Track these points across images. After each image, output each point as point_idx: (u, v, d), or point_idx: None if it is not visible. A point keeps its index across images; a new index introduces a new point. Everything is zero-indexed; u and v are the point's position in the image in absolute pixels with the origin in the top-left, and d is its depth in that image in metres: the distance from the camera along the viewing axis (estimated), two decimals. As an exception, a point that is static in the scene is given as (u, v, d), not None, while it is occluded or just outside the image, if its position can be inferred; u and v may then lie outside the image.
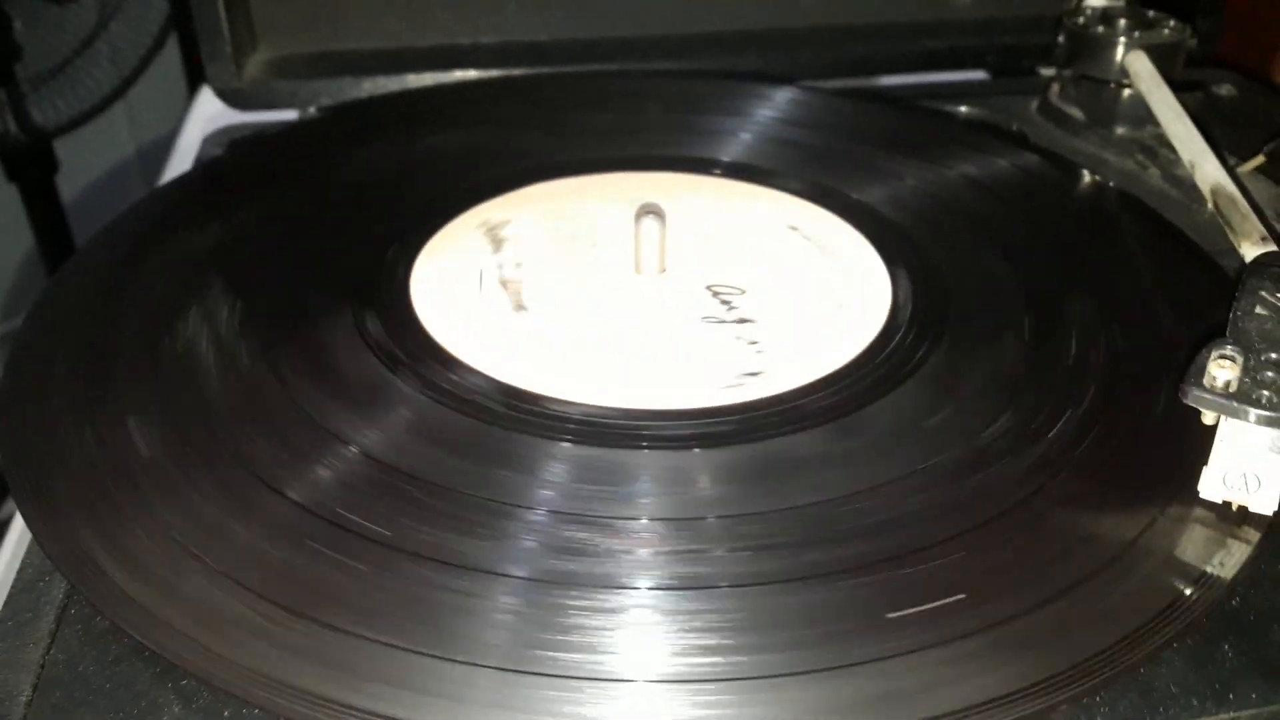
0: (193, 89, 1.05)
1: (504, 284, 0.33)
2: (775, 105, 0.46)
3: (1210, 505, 0.27)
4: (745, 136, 0.43)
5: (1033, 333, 0.33)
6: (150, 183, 1.14)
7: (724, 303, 0.34)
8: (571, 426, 0.29)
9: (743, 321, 0.33)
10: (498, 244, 0.37)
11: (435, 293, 0.34)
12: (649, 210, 0.34)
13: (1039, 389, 0.31)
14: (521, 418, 0.29)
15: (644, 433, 0.29)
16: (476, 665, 0.23)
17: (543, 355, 0.32)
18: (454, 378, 0.31)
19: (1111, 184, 0.41)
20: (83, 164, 1.08)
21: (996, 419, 0.30)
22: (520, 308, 0.33)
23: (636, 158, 0.42)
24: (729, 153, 0.43)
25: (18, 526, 0.27)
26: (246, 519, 0.26)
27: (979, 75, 0.58)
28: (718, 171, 0.41)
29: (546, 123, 0.45)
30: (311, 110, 0.49)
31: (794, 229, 0.38)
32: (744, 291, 0.35)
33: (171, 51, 1.02)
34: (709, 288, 0.35)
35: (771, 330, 0.33)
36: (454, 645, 0.23)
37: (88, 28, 0.92)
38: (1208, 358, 0.27)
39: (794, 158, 0.42)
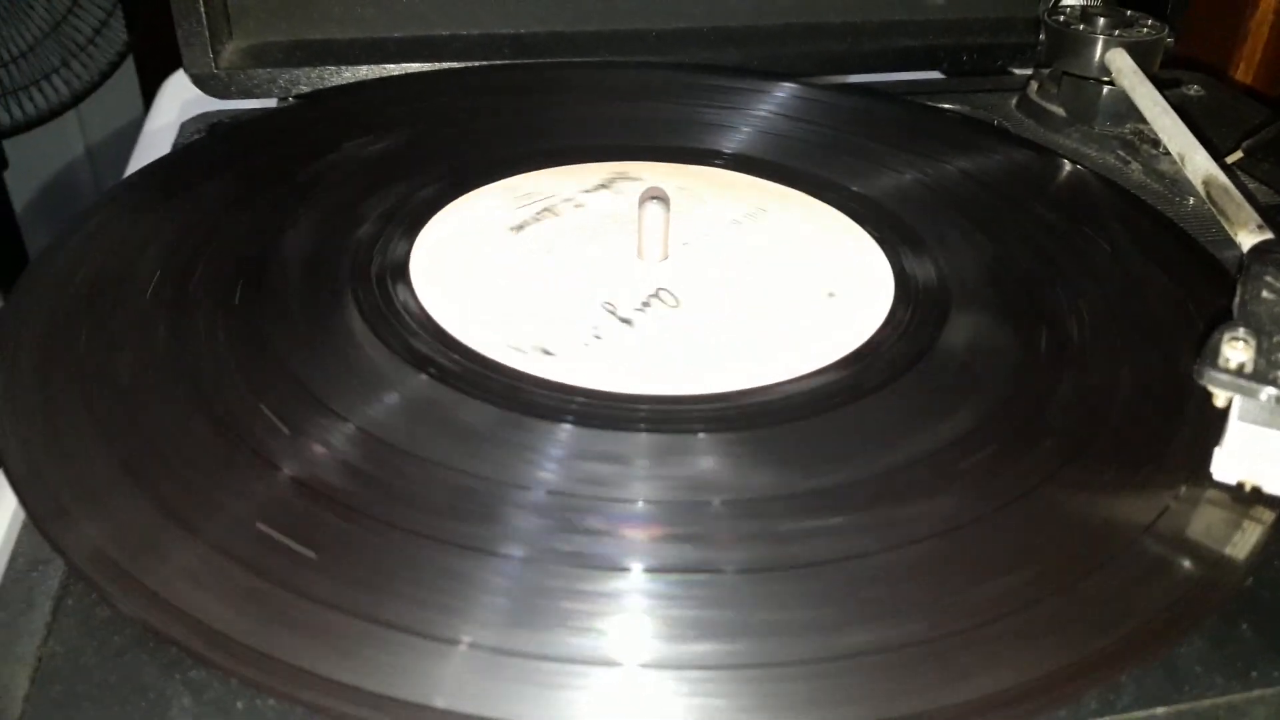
0: (145, 88, 1.03)
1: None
2: (779, 99, 0.45)
3: (1223, 487, 0.27)
4: (747, 130, 0.43)
5: (1038, 321, 0.33)
6: (101, 182, 1.12)
7: (726, 290, 0.34)
8: (572, 409, 0.28)
9: (746, 307, 0.33)
10: (497, 228, 0.36)
11: (434, 273, 0.34)
12: (653, 195, 0.33)
13: (1047, 377, 0.31)
14: (522, 399, 0.29)
15: (644, 416, 0.28)
16: (483, 648, 0.22)
17: (543, 338, 0.31)
18: (453, 357, 0.30)
19: (1104, 177, 0.42)
20: (31, 164, 1.06)
21: (1005, 407, 0.29)
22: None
23: (635, 147, 0.41)
24: (730, 144, 0.42)
25: (6, 516, 0.26)
26: (249, 496, 0.25)
27: (939, 75, 0.58)
28: (719, 163, 0.41)
29: (546, 109, 0.44)
30: (290, 99, 0.48)
31: (797, 219, 0.38)
32: (747, 278, 0.34)
33: (126, 63, 1.00)
34: (711, 275, 0.34)
35: (776, 317, 0.33)
36: (465, 626, 0.22)
37: (39, 30, 0.90)
38: (1221, 339, 0.27)
39: (795, 151, 0.42)
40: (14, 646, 0.23)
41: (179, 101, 0.54)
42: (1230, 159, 0.45)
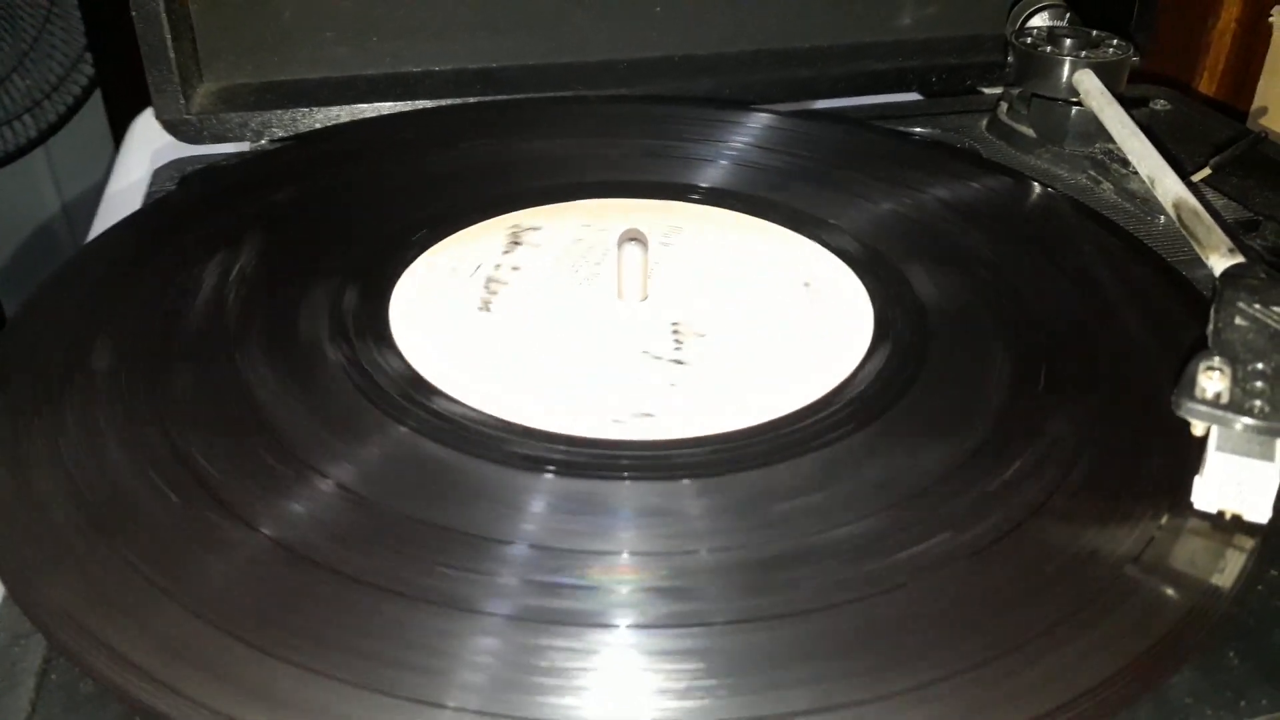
0: (113, 119, 1.03)
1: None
2: (754, 129, 0.46)
3: (1205, 515, 0.27)
4: (724, 162, 0.43)
5: (1018, 352, 0.33)
6: (71, 219, 1.11)
7: (705, 330, 0.34)
8: (552, 456, 0.28)
9: (725, 347, 0.33)
10: (477, 271, 0.36)
11: (414, 321, 0.34)
12: (631, 237, 0.33)
13: (1027, 408, 0.31)
14: (496, 446, 0.29)
15: (624, 463, 0.28)
16: (465, 711, 0.22)
17: (520, 382, 0.31)
18: (433, 407, 0.30)
19: (1077, 201, 0.42)
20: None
21: (987, 440, 0.30)
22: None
23: (612, 183, 0.42)
24: (708, 178, 0.42)
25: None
26: (231, 561, 0.25)
27: (913, 97, 0.59)
28: (696, 197, 0.41)
29: (520, 148, 0.44)
30: (264, 142, 0.47)
31: (773, 252, 0.38)
32: (727, 314, 0.35)
33: (95, 101, 1.00)
34: (693, 314, 0.35)
35: (757, 355, 0.33)
36: (451, 689, 0.22)
37: (3, 68, 0.90)
38: (1197, 369, 0.27)
39: (768, 182, 0.42)
40: (-2, 727, 0.22)
41: (148, 144, 0.54)
42: (1199, 176, 0.45)
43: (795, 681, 0.23)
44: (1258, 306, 0.29)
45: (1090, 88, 0.46)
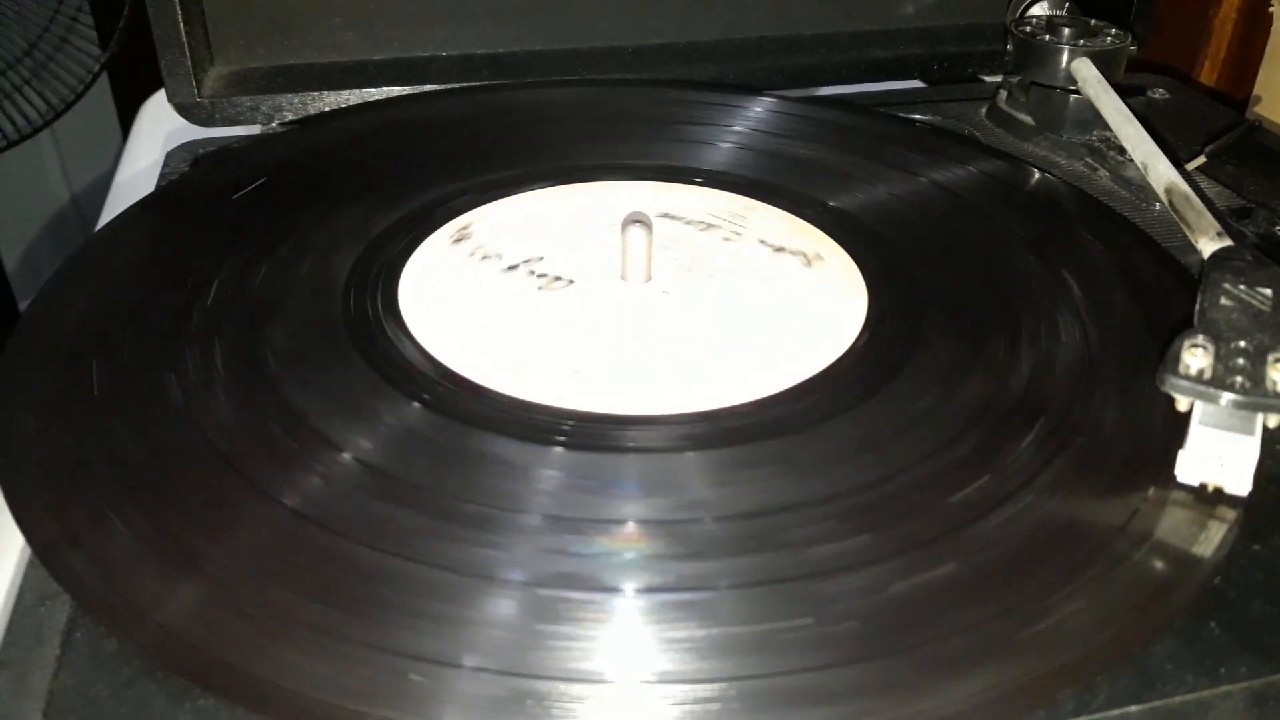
0: (124, 124, 1.04)
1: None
2: (752, 114, 0.46)
3: (1188, 488, 0.28)
4: (725, 146, 0.44)
5: (1011, 331, 0.34)
6: (80, 205, 1.12)
7: (707, 309, 0.35)
8: (563, 431, 0.29)
9: (727, 325, 0.34)
10: (478, 254, 0.37)
11: (421, 301, 0.34)
12: (636, 219, 0.34)
13: (1019, 386, 0.32)
14: (512, 423, 0.30)
15: (632, 436, 0.29)
16: (484, 671, 0.23)
17: (529, 361, 0.32)
18: (445, 385, 0.31)
19: (1073, 185, 0.43)
20: (4, 187, 1.06)
21: (978, 418, 0.30)
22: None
23: (613, 167, 0.42)
24: (708, 162, 0.43)
25: (13, 552, 0.27)
26: (247, 527, 0.26)
27: (915, 84, 0.59)
28: (699, 180, 0.42)
29: (523, 132, 0.45)
30: (274, 125, 0.48)
31: (774, 235, 0.39)
32: (729, 295, 0.35)
33: (102, 89, 1.00)
34: (692, 295, 0.35)
35: (756, 334, 0.34)
36: (466, 650, 0.23)
37: (14, 53, 0.90)
38: (1181, 346, 0.28)
39: (771, 165, 0.43)
40: (25, 681, 0.23)
41: (158, 127, 0.55)
42: (1194, 164, 0.46)
43: (795, 641, 0.24)
44: (1242, 287, 0.30)
45: (1088, 76, 0.47)
